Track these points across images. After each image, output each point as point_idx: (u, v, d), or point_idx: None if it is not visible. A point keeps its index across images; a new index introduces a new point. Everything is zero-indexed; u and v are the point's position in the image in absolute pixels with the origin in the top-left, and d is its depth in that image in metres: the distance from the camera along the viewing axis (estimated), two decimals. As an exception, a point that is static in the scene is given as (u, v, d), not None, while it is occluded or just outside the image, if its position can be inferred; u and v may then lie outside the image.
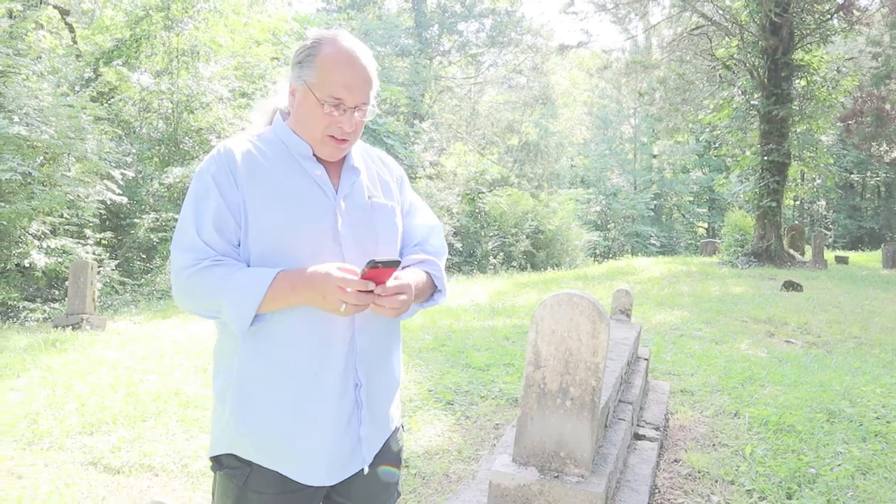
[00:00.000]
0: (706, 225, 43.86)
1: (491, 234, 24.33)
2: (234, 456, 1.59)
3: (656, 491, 3.41)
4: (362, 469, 1.65)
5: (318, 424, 1.58)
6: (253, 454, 1.57)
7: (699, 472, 3.64)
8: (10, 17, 14.55)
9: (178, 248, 1.55)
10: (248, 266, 1.55)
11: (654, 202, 41.69)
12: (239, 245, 1.57)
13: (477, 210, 25.02)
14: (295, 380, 1.56)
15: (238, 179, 1.55)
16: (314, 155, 1.63)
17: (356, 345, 1.61)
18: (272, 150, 1.62)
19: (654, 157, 44.83)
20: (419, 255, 1.76)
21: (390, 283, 1.50)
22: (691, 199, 44.46)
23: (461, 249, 22.75)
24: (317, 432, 1.58)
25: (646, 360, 4.64)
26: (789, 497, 3.34)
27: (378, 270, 1.45)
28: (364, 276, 1.46)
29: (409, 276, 1.60)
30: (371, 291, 1.47)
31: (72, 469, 3.76)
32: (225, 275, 1.49)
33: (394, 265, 1.47)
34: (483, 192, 25.71)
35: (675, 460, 3.82)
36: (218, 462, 1.64)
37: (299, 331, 1.55)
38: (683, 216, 45.40)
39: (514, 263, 23.46)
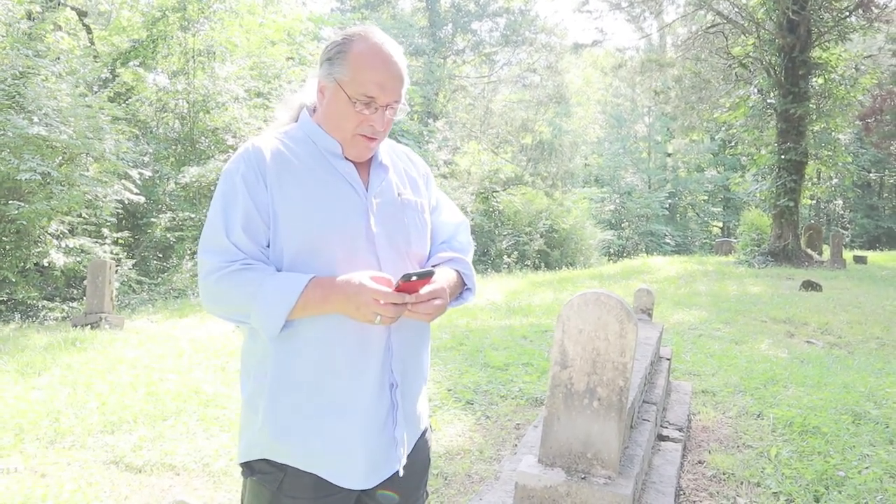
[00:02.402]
0: (721, 224, 43.58)
1: (505, 232, 24.26)
2: (267, 461, 1.57)
3: (681, 492, 3.38)
4: (397, 471, 1.63)
5: (356, 425, 1.56)
6: (289, 458, 1.55)
7: (724, 474, 3.60)
8: (30, 18, 14.71)
9: (206, 252, 1.52)
10: (280, 268, 1.53)
11: (669, 201, 41.46)
12: (268, 246, 1.54)
13: (491, 209, 24.97)
14: (332, 382, 1.54)
15: (267, 179, 1.52)
16: (343, 153, 1.61)
17: (392, 344, 1.59)
18: (301, 147, 1.60)
19: (669, 155, 44.57)
20: (448, 252, 1.74)
21: (425, 289, 1.48)
22: (706, 198, 44.16)
23: (475, 248, 22.70)
24: (355, 435, 1.56)
25: (668, 360, 4.60)
26: (817, 500, 3.30)
27: (412, 283, 1.44)
28: (398, 289, 1.44)
29: (442, 279, 1.59)
30: (405, 303, 1.45)
31: (94, 468, 3.78)
32: (255, 280, 1.47)
33: (428, 276, 1.46)
34: (497, 191, 25.65)
35: (700, 461, 3.78)
36: (249, 468, 1.61)
37: (335, 332, 1.53)
38: (698, 215, 45.11)
39: (528, 262, 23.38)
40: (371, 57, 1.53)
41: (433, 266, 1.67)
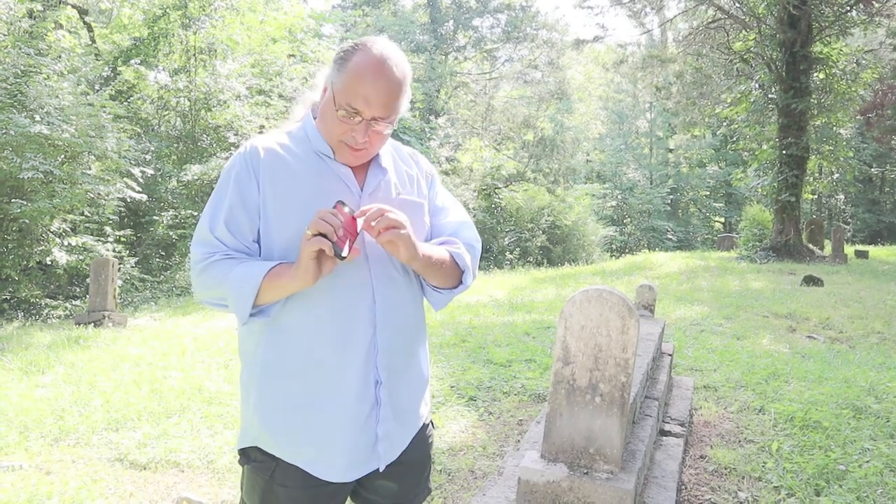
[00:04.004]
0: (723, 220, 43.52)
1: (507, 229, 24.28)
2: (260, 449, 1.61)
3: (683, 487, 3.39)
4: (378, 468, 1.65)
5: (336, 420, 1.59)
6: (275, 448, 1.59)
7: (726, 469, 3.62)
8: (31, 17, 14.73)
9: (194, 242, 1.62)
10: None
11: (671, 197, 41.42)
12: (257, 241, 1.59)
13: (493, 205, 24.98)
14: (315, 376, 1.58)
15: (260, 178, 1.57)
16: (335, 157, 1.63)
17: (377, 341, 1.60)
18: (300, 147, 1.63)
19: (671, 151, 44.55)
20: (440, 239, 1.75)
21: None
22: (708, 193, 44.09)
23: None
24: (334, 428, 1.59)
25: (670, 355, 4.61)
26: (818, 494, 3.31)
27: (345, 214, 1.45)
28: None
29: (426, 246, 1.61)
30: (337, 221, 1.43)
31: (98, 465, 3.80)
32: (227, 267, 1.53)
33: (357, 214, 1.47)
34: (499, 188, 25.66)
35: (701, 456, 3.80)
36: (245, 455, 1.66)
37: (320, 325, 1.56)
38: (700, 211, 45.06)
39: (531, 259, 23.39)
40: (365, 69, 1.52)
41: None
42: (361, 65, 1.52)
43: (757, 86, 19.55)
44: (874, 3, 16.86)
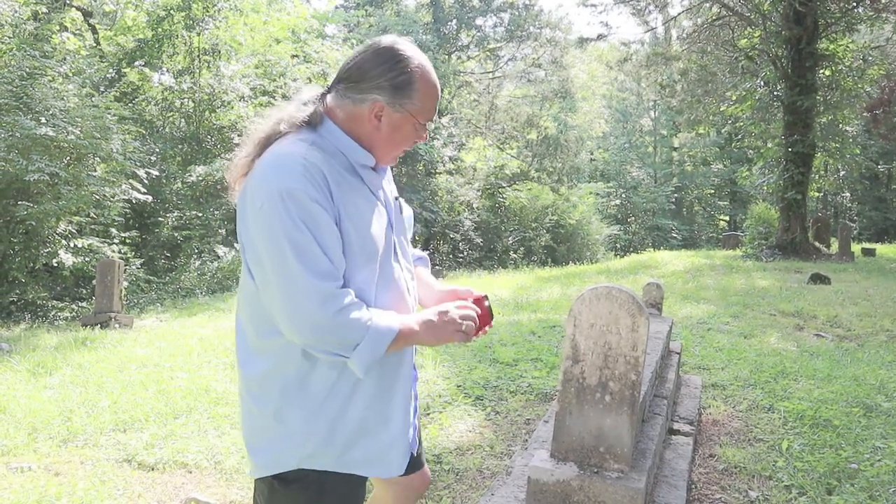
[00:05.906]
0: (728, 218, 43.40)
1: (511, 228, 24.29)
2: (304, 470, 1.58)
3: (693, 486, 3.37)
4: (412, 454, 1.77)
5: (397, 421, 1.67)
6: (331, 464, 1.58)
7: (735, 468, 3.60)
8: (36, 19, 14.76)
9: (315, 275, 1.43)
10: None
11: (675, 195, 41.35)
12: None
13: (497, 205, 24.99)
14: (381, 384, 1.62)
15: (332, 194, 1.50)
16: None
17: None
18: (336, 160, 1.57)
19: (675, 149, 44.47)
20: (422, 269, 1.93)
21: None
22: (712, 191, 44.00)
23: (481, 244, 22.73)
24: (397, 430, 1.67)
25: (678, 354, 4.59)
26: (829, 492, 3.29)
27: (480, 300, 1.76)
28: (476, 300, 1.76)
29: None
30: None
31: (107, 466, 3.80)
32: (365, 317, 1.48)
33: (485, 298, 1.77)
34: (503, 187, 25.67)
35: (711, 455, 3.78)
36: (283, 480, 1.59)
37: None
38: (705, 209, 44.97)
39: (535, 258, 23.38)
40: (434, 87, 1.62)
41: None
42: (430, 84, 1.61)
43: (762, 83, 19.46)
44: (880, -1, 16.76)
